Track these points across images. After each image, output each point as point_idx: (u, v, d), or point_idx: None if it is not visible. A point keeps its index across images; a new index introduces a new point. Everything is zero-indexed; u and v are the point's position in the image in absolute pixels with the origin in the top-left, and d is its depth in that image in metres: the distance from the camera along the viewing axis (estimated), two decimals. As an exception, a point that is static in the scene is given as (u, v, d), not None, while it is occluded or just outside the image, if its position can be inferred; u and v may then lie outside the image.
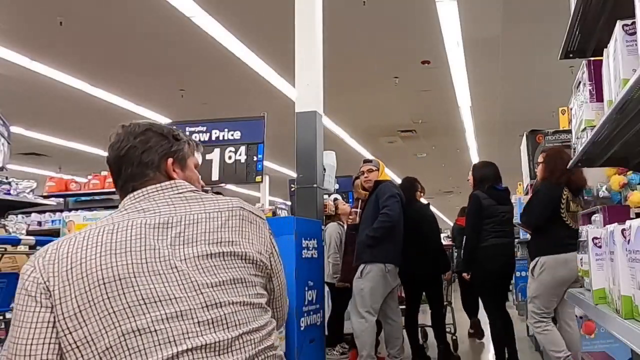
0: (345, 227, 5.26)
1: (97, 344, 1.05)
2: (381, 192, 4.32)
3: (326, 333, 4.20)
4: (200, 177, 1.44)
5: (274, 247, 1.35)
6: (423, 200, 5.24)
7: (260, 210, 1.40)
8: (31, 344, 1.06)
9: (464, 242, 4.50)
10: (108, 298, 1.07)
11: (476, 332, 6.17)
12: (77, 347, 1.05)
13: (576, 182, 3.35)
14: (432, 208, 5.24)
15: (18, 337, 1.08)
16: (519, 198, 6.77)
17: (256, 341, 1.17)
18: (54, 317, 1.07)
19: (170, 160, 1.32)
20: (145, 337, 1.06)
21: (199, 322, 1.10)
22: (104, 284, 1.08)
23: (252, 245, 1.26)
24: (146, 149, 1.30)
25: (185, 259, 1.15)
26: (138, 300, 1.07)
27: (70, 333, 1.06)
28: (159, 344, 1.06)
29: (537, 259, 3.55)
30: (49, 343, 1.06)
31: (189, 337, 1.08)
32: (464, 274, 4.98)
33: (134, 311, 1.07)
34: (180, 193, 1.27)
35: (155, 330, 1.06)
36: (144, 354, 1.04)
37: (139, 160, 1.29)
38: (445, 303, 5.42)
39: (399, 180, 5.27)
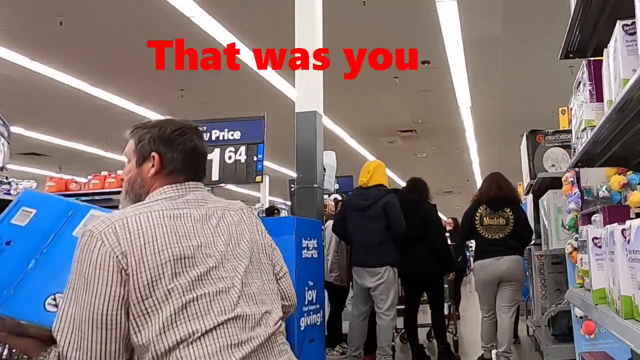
0: None
1: (163, 310, 1.21)
2: (390, 206, 4.40)
3: (325, 333, 4.20)
4: None
5: (272, 241, 1.60)
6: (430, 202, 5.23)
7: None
8: (106, 314, 1.19)
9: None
10: (175, 273, 1.24)
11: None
12: (147, 313, 1.21)
13: (495, 198, 4.42)
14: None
15: (92, 306, 1.19)
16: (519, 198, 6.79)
17: (275, 321, 1.38)
18: (127, 289, 1.21)
19: None
20: (202, 305, 1.25)
21: (239, 296, 1.31)
22: (172, 260, 1.25)
23: (263, 237, 1.53)
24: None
25: (224, 245, 1.37)
26: (197, 276, 1.27)
27: (142, 301, 1.21)
28: (212, 312, 1.25)
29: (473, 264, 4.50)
30: (122, 314, 1.20)
31: (232, 309, 1.28)
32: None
33: (194, 285, 1.26)
34: (205, 192, 1.50)
35: (210, 301, 1.26)
36: (200, 318, 1.23)
37: (204, 163, 1.55)
38: (449, 303, 5.46)
39: (399, 181, 5.27)
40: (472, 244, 5.72)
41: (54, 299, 1.28)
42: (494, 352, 4.55)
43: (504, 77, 8.46)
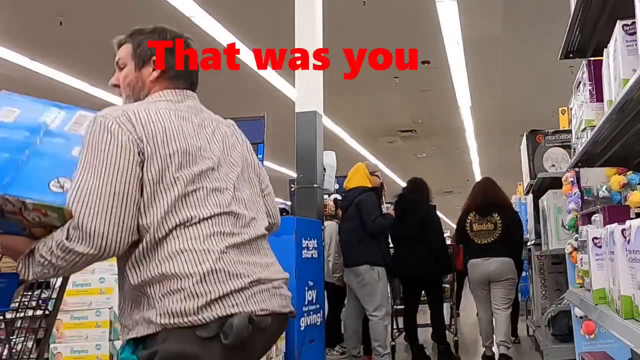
0: None
1: (168, 195, 1.31)
2: (362, 204, 4.39)
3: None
4: None
5: (258, 161, 1.69)
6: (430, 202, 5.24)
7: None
8: (127, 188, 1.27)
9: None
10: (180, 164, 1.34)
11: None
12: (156, 195, 1.31)
13: (483, 205, 4.68)
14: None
15: (115, 179, 1.27)
16: (519, 198, 6.80)
17: (261, 227, 1.49)
18: (142, 171, 1.30)
19: None
20: (200, 197, 1.35)
21: (232, 198, 1.42)
22: (179, 153, 1.35)
23: (252, 155, 1.62)
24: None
25: (219, 151, 1.46)
26: (198, 172, 1.37)
27: (154, 184, 1.31)
28: (209, 204, 1.36)
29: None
30: (138, 191, 1.29)
31: (227, 205, 1.39)
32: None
33: (195, 179, 1.36)
34: (200, 104, 1.58)
35: (207, 195, 1.36)
36: (198, 207, 1.34)
37: (198, 75, 1.63)
38: (451, 303, 5.46)
39: (399, 181, 5.27)
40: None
41: (58, 182, 1.29)
42: (494, 348, 4.73)
43: (504, 77, 8.46)
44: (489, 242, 4.65)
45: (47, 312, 1.91)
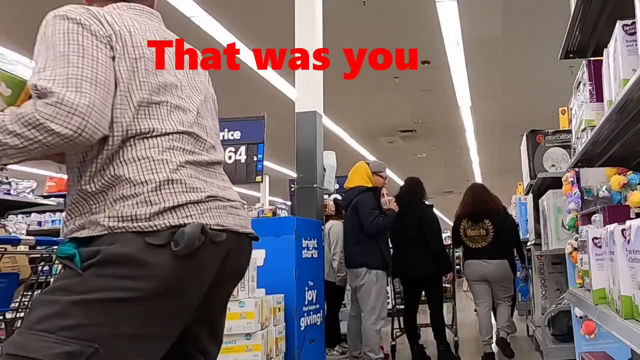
0: None
1: (134, 98, 1.27)
2: (359, 204, 4.36)
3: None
4: None
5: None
6: (427, 202, 5.23)
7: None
8: (107, 77, 1.22)
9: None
10: (147, 70, 1.31)
11: None
12: (127, 94, 1.27)
13: (474, 212, 4.92)
14: (433, 209, 5.23)
15: (94, 67, 1.21)
16: (519, 198, 6.80)
17: (220, 156, 1.47)
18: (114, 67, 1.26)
19: None
20: (164, 111, 1.32)
21: (195, 121, 1.39)
22: (145, 58, 1.31)
23: (211, 87, 1.60)
24: None
25: (182, 72, 1.43)
26: (163, 84, 1.34)
27: (122, 84, 1.26)
28: (172, 120, 1.33)
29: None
30: (113, 84, 1.25)
31: (190, 126, 1.37)
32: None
33: (160, 89, 1.33)
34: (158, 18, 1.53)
35: (171, 111, 1.33)
36: (161, 120, 1.31)
37: None
38: (453, 304, 5.47)
39: (399, 181, 5.27)
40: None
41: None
42: (493, 345, 4.96)
43: (504, 77, 8.46)
44: (483, 246, 4.91)
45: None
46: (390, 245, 4.80)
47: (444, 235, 5.84)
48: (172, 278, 1.19)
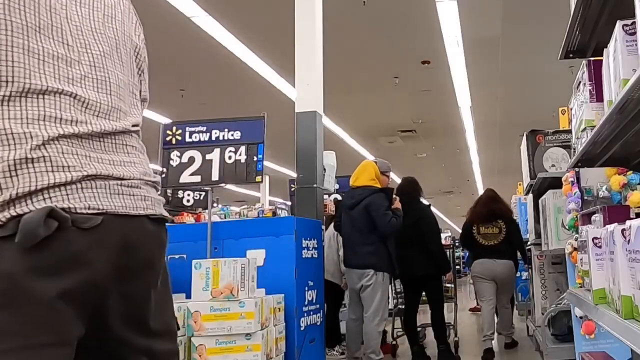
0: None
1: (8, 53, 1.02)
2: (373, 205, 4.29)
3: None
4: None
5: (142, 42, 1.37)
6: (424, 201, 5.23)
7: None
8: None
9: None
10: (25, 11, 1.04)
11: None
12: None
13: (489, 213, 5.22)
14: (432, 208, 5.23)
15: None
16: (519, 198, 6.81)
17: (129, 123, 1.20)
18: None
19: None
20: (34, 60, 1.04)
21: (85, 76, 1.13)
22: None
23: (137, 36, 1.34)
24: None
25: (86, 12, 1.17)
26: (38, 24, 1.06)
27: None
28: (41, 73, 1.05)
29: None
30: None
31: (70, 83, 1.09)
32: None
33: (31, 31, 1.05)
34: None
35: (42, 60, 1.06)
36: (27, 73, 1.03)
37: None
38: (454, 303, 5.49)
39: (399, 181, 5.26)
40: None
41: None
42: (494, 341, 5.31)
43: (504, 77, 8.46)
44: (494, 243, 5.17)
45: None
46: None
47: (443, 236, 5.86)
48: (20, 275, 0.97)
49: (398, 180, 5.41)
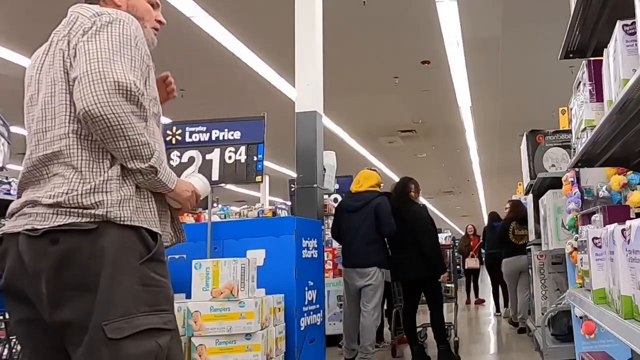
0: None
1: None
2: (382, 207, 4.56)
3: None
4: (153, 10, 1.86)
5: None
6: (420, 201, 5.21)
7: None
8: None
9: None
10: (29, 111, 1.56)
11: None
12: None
13: (519, 217, 6.22)
14: (432, 208, 5.21)
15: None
16: (519, 198, 6.82)
17: (49, 140, 1.47)
18: None
19: None
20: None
21: (29, 135, 1.51)
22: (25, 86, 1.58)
23: (64, 60, 1.56)
24: None
25: (43, 79, 1.57)
26: (26, 101, 1.58)
27: None
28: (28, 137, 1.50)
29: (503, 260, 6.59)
30: None
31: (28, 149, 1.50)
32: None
33: (27, 112, 1.56)
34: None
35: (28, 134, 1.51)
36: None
37: None
38: (455, 304, 5.50)
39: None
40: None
41: None
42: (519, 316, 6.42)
43: (504, 77, 8.46)
44: (524, 243, 5.93)
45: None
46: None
47: (443, 236, 5.86)
48: None
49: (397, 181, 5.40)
